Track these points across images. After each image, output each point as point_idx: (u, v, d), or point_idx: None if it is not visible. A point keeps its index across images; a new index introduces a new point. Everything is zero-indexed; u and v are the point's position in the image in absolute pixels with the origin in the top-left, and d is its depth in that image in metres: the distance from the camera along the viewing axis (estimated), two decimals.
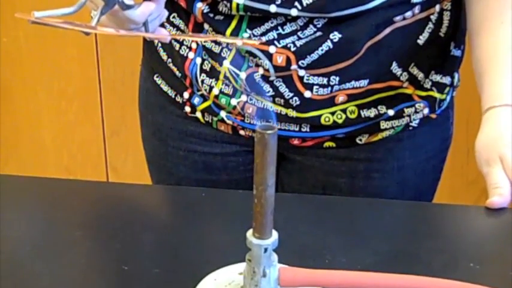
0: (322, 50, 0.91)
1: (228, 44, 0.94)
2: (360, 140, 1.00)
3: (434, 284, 0.64)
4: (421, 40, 0.95)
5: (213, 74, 0.97)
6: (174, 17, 0.98)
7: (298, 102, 0.95)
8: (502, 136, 0.86)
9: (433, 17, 0.95)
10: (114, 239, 0.78)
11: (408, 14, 0.92)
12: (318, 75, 0.93)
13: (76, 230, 0.79)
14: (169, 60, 1.02)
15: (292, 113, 0.96)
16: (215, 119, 1.01)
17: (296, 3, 0.88)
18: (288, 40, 0.91)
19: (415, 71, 0.97)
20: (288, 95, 0.95)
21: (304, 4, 0.87)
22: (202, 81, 0.98)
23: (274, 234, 0.62)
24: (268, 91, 0.95)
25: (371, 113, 0.97)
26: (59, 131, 2.11)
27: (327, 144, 1.01)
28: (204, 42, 0.96)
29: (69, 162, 2.14)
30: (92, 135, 2.10)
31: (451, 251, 0.76)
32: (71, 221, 0.81)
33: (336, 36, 0.90)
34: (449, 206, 0.89)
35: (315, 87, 0.94)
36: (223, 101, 0.98)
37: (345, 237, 0.78)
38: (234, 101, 0.97)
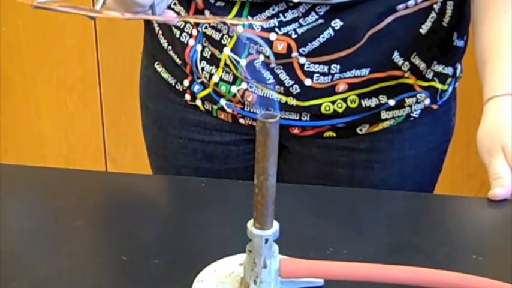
0: (323, 37, 0.90)
1: (228, 30, 0.93)
2: (361, 130, 1.00)
3: (436, 275, 0.63)
4: (424, 29, 0.94)
5: (213, 61, 0.96)
6: (175, 4, 0.97)
7: (298, 90, 0.94)
8: (504, 126, 0.85)
9: (436, 7, 0.94)
10: (114, 229, 0.78)
11: (411, 2, 0.91)
12: (319, 63, 0.92)
13: (75, 220, 0.78)
14: (170, 47, 1.01)
15: (292, 101, 0.95)
16: (215, 107, 1.01)
17: None
18: (289, 27, 0.90)
19: (417, 60, 0.96)
20: (288, 83, 0.94)
21: None
22: (203, 69, 0.97)
23: (275, 225, 0.62)
24: (269, 79, 0.94)
25: (372, 102, 0.97)
26: (58, 121, 2.11)
27: (327, 134, 1.00)
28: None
29: (68, 153, 2.14)
30: (91, 126, 2.10)
31: (453, 242, 0.76)
32: (69, 211, 0.81)
33: (337, 24, 0.89)
34: (451, 197, 0.88)
35: (315, 75, 0.93)
36: (223, 88, 0.97)
37: (346, 229, 0.77)
38: (234, 89, 0.96)
